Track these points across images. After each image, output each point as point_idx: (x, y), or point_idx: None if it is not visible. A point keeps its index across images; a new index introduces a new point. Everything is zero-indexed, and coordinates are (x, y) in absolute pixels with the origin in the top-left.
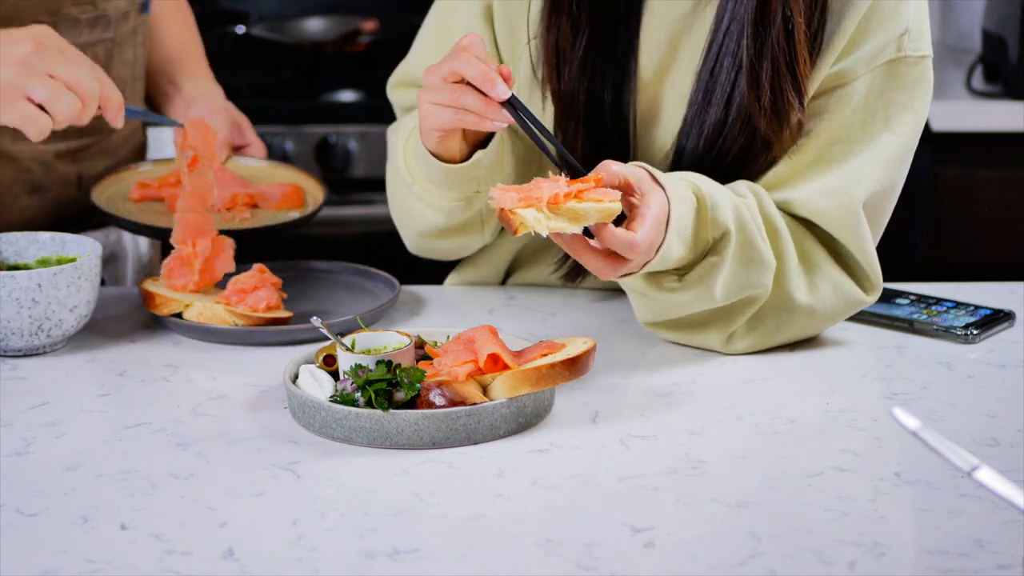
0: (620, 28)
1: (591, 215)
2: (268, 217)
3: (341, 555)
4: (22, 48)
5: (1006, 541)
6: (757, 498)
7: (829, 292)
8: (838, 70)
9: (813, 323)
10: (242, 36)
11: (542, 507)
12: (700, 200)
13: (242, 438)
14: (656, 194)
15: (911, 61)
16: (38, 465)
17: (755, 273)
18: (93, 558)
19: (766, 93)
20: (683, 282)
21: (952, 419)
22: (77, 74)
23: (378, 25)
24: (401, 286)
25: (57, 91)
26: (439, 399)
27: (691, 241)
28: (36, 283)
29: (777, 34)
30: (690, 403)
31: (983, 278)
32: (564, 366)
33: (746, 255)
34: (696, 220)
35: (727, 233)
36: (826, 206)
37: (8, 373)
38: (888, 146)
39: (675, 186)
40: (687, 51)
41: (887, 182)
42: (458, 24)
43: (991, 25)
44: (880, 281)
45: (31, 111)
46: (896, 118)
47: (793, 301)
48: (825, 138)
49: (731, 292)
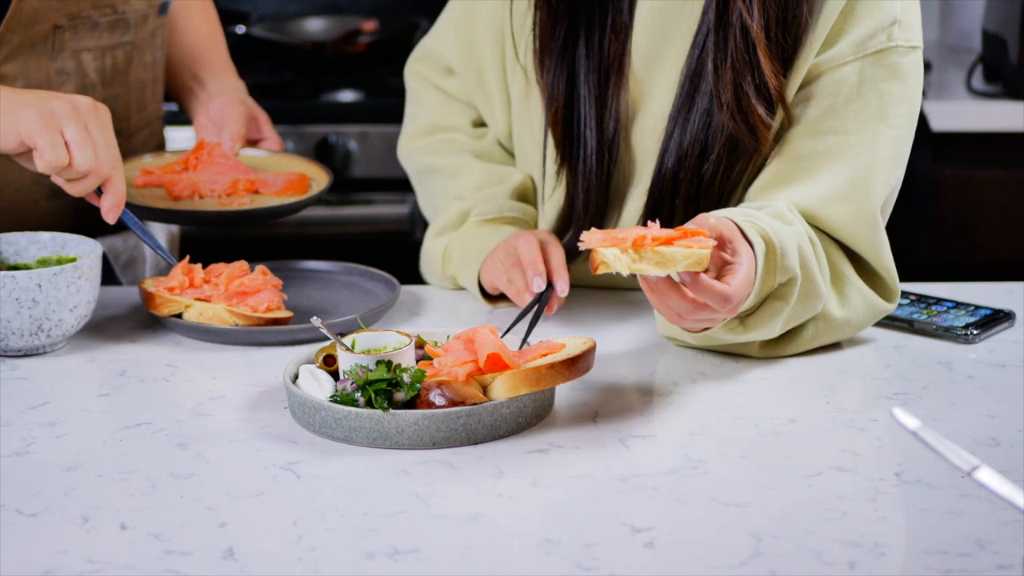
0: (605, 19)
1: (679, 260)
2: (268, 203)
3: (341, 555)
4: (83, 100)
5: (1006, 541)
6: (757, 498)
7: (859, 302)
8: (825, 57)
9: (844, 334)
10: (242, 36)
11: (542, 507)
12: (769, 247)
13: (242, 438)
14: (747, 250)
15: (902, 51)
16: (38, 465)
17: (810, 305)
18: (93, 558)
19: (728, 90)
20: (745, 325)
21: (952, 419)
22: (105, 143)
23: (378, 25)
24: (401, 286)
25: (85, 141)
26: (439, 399)
27: (758, 288)
28: (36, 283)
29: (735, 33)
30: (690, 403)
31: (983, 278)
32: (564, 366)
33: (806, 292)
34: (765, 266)
35: (794, 279)
36: (842, 215)
37: (8, 373)
38: (889, 142)
39: (751, 234)
40: (676, 42)
41: (894, 180)
42: (480, 6)
43: (991, 25)
44: (898, 287)
45: (58, 142)
46: (891, 109)
47: (829, 314)
48: (818, 126)
49: (790, 323)
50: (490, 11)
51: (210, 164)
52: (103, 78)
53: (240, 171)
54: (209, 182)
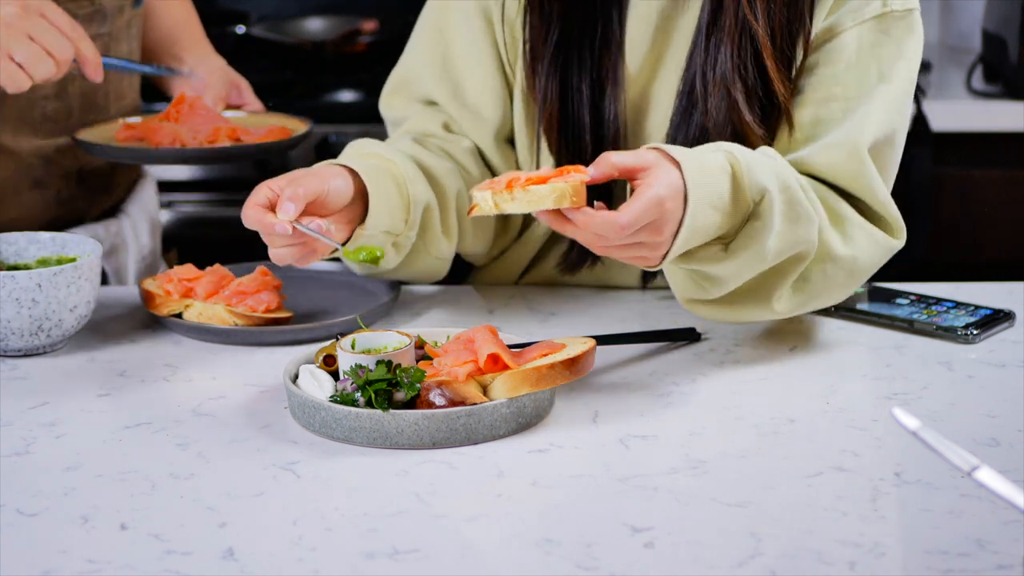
0: (598, 24)
1: (545, 196)
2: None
3: (341, 555)
4: (8, 10)
5: (1006, 541)
6: (757, 498)
7: (864, 239)
8: (826, 25)
9: (856, 273)
10: (242, 36)
11: (542, 507)
12: (735, 166)
13: (242, 438)
14: (659, 171)
15: (898, 15)
16: (38, 465)
17: (803, 229)
18: (93, 558)
19: (715, 97)
20: (729, 251)
21: (952, 419)
22: (53, 39)
23: (378, 25)
24: (401, 286)
25: (36, 54)
26: (439, 399)
27: (729, 207)
28: (36, 283)
29: (735, 39)
30: (690, 403)
31: (983, 278)
32: (564, 366)
33: (794, 212)
34: (733, 186)
35: (767, 194)
36: (831, 158)
37: (8, 373)
38: (884, 93)
39: (702, 157)
40: (675, 45)
41: (887, 126)
42: (451, 26)
43: (991, 25)
44: (902, 223)
45: (12, 69)
46: (888, 69)
47: (833, 253)
48: (820, 94)
49: (781, 251)
50: (467, 28)
51: (191, 116)
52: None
53: (221, 121)
54: (191, 131)
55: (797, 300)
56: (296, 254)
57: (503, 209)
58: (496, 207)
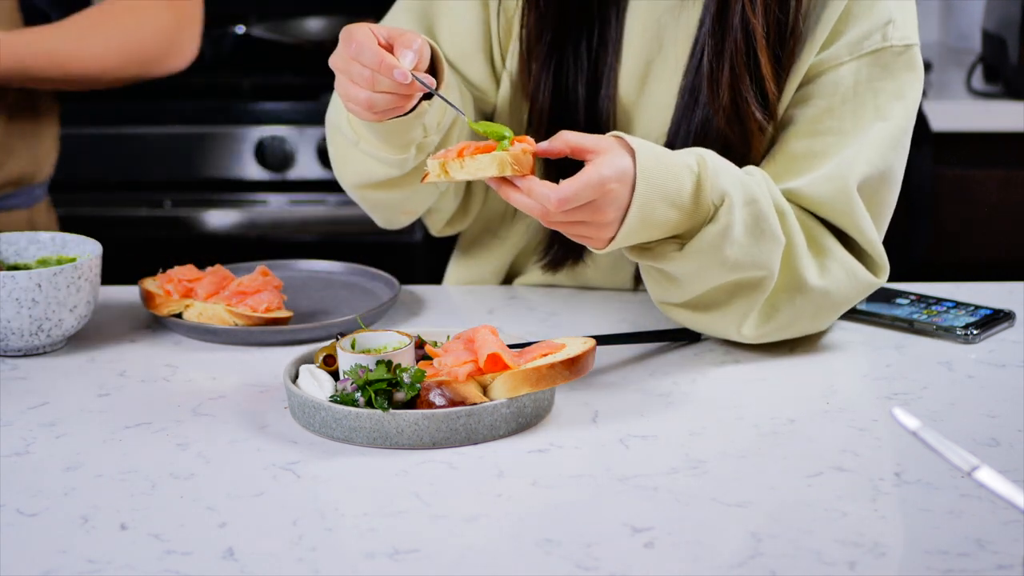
0: (594, 25)
1: (488, 165)
2: None
3: (341, 555)
4: None
5: (1006, 541)
6: (757, 498)
7: (841, 274)
8: (822, 58)
9: (828, 307)
10: (242, 36)
11: (542, 507)
12: (701, 167)
13: (242, 438)
14: (610, 155)
15: (897, 50)
16: (38, 465)
17: (765, 248)
18: (93, 558)
19: (725, 93)
20: (684, 250)
21: (952, 419)
22: None
23: None
24: (401, 286)
25: None
26: (439, 399)
27: (689, 206)
28: (36, 283)
29: (736, 36)
30: (690, 403)
31: (983, 278)
32: (564, 366)
33: (758, 227)
34: (695, 185)
35: (727, 199)
36: (820, 192)
37: (8, 373)
38: (880, 131)
39: (666, 152)
40: (673, 49)
41: (882, 164)
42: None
43: (991, 25)
44: (886, 262)
45: None
46: (886, 106)
47: (806, 283)
48: (814, 126)
49: (741, 264)
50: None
51: None
52: None
53: None
54: None
55: (764, 329)
56: (391, 102)
57: (453, 176)
58: (446, 174)
